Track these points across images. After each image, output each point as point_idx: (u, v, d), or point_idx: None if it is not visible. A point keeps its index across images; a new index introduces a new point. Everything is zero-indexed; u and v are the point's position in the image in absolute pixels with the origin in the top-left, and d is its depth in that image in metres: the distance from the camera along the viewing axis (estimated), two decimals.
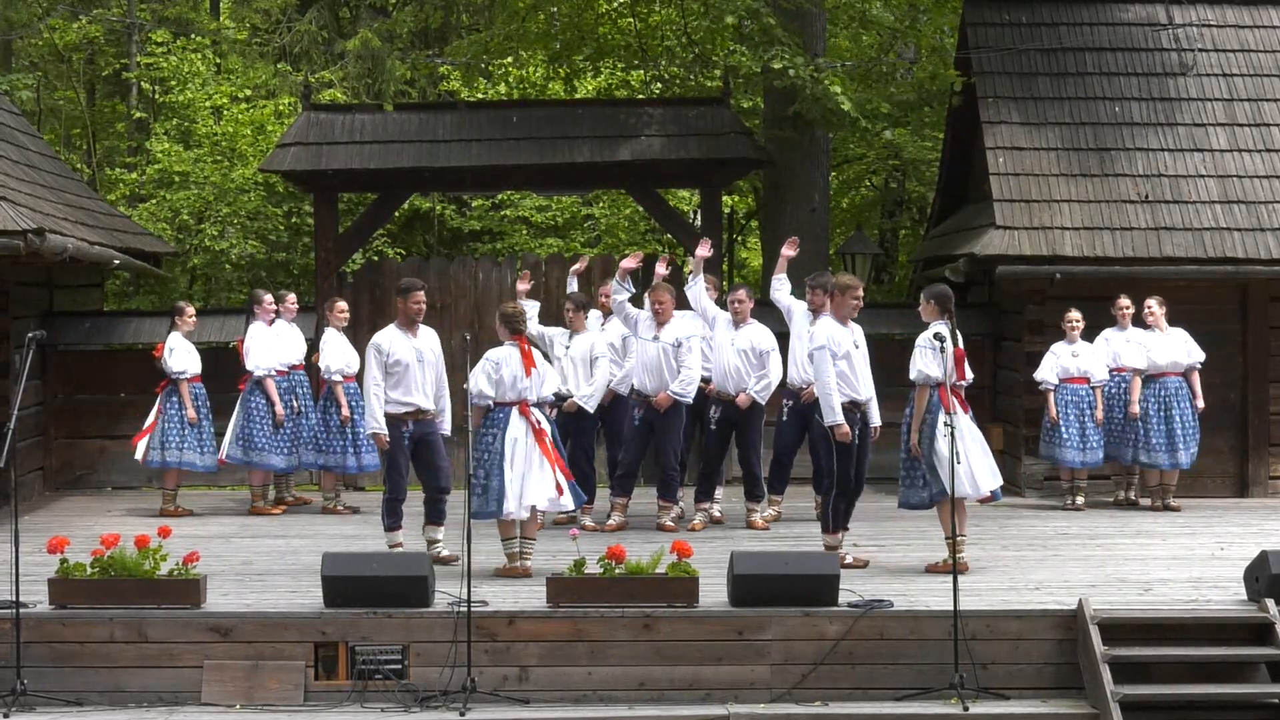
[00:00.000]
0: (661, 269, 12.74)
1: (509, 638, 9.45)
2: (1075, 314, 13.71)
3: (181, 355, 13.55)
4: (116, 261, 14.89)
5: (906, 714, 9.19)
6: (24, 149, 15.54)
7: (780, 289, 12.75)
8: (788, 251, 12.73)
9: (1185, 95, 15.50)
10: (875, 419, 11.02)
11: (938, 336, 10.44)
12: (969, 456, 10.60)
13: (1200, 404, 13.54)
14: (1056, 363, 13.74)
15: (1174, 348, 13.58)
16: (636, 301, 12.66)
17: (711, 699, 9.40)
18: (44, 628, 9.40)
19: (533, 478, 10.50)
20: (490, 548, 11.02)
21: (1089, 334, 13.79)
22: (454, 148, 15.61)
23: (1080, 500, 13.78)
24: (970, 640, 9.36)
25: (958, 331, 10.69)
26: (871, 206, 24.69)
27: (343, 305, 13.73)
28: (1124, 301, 13.77)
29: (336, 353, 13.50)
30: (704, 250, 12.48)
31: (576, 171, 15.79)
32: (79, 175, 19.48)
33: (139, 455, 13.66)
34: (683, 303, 12.83)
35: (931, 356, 10.54)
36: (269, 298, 13.83)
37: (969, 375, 10.82)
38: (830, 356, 10.63)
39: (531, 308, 12.70)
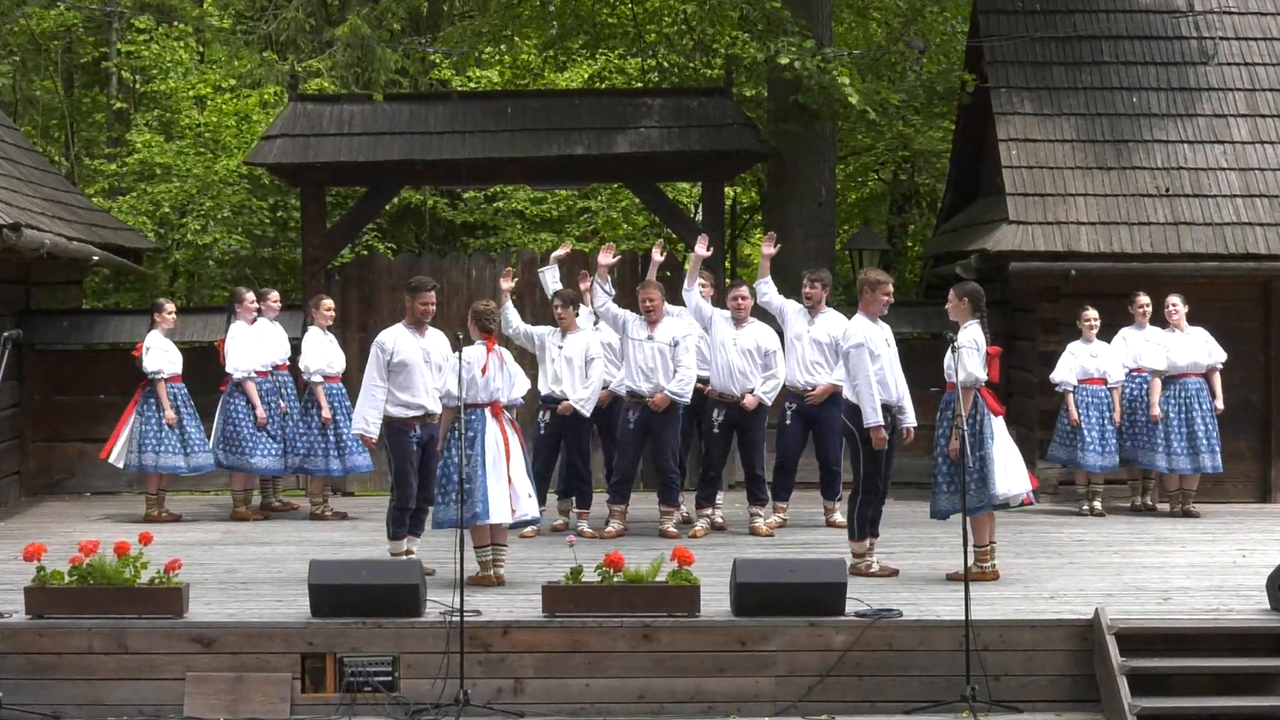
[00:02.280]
0: (657, 256, 12.54)
1: (503, 648, 9.32)
2: (1092, 312, 13.50)
3: (158, 355, 13.31)
4: (95, 258, 14.78)
5: None
6: None
7: (768, 290, 12.47)
8: (768, 250, 12.48)
9: (1206, 85, 15.28)
10: (910, 420, 10.80)
11: (946, 337, 10.25)
12: (1008, 458, 10.49)
13: (1220, 405, 13.35)
14: (1075, 363, 13.53)
15: (1194, 348, 13.37)
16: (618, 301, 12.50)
17: (714, 712, 9.28)
18: (20, 638, 9.28)
19: (515, 481, 10.36)
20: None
21: (1105, 333, 13.59)
22: (446, 139, 15.46)
23: (1099, 505, 13.59)
24: (982, 651, 9.20)
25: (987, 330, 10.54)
26: (879, 200, 24.50)
27: (329, 303, 13.51)
28: (1143, 299, 13.57)
29: (317, 353, 13.27)
30: (702, 249, 12.25)
31: (573, 164, 15.63)
32: (57, 168, 19.27)
33: (112, 459, 13.40)
34: (677, 298, 12.63)
35: (978, 359, 10.36)
36: (250, 296, 13.61)
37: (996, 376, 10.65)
38: (868, 355, 10.45)
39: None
